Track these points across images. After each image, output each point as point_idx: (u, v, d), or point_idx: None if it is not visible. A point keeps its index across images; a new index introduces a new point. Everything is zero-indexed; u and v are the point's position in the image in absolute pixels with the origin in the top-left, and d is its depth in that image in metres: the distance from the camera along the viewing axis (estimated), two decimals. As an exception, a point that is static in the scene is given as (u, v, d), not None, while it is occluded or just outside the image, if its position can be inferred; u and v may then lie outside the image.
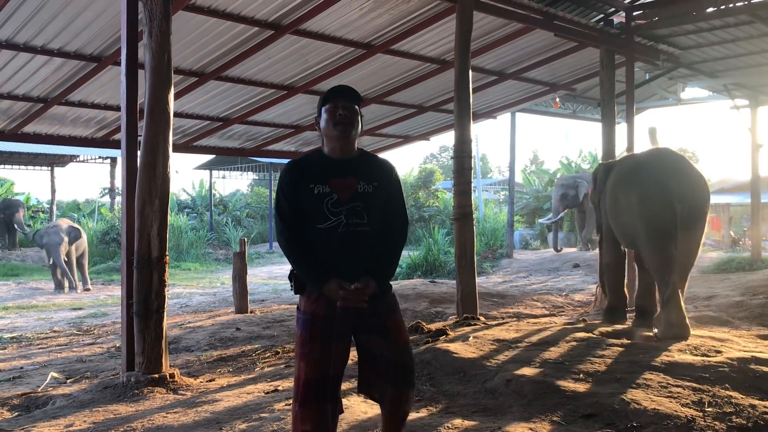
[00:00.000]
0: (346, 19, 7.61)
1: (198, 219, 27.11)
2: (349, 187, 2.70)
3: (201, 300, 12.28)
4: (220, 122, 10.27)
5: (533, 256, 18.29)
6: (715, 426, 3.43)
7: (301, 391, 2.65)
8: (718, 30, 10.17)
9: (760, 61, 11.83)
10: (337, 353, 2.69)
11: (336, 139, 2.76)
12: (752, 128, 15.45)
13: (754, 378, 4.10)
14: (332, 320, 2.66)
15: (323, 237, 2.67)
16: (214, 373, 5.92)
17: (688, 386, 3.99)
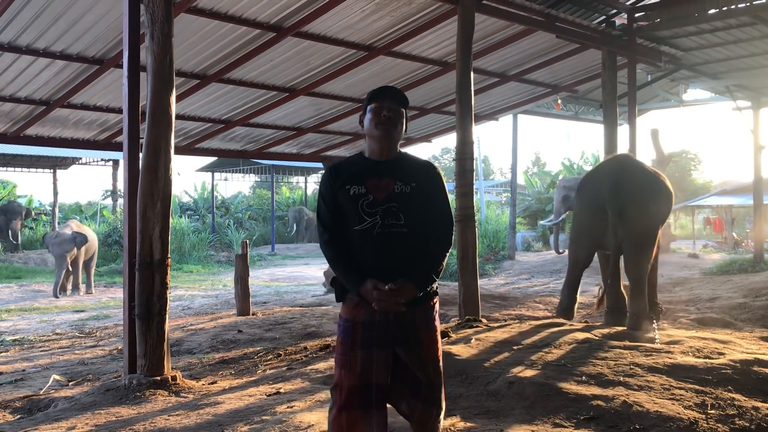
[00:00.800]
0: (347, 21, 7.62)
1: (200, 221, 27.14)
2: (385, 188, 2.65)
3: (203, 302, 12.28)
4: (222, 124, 10.28)
5: (535, 258, 18.27)
6: (718, 428, 3.42)
7: (344, 397, 2.60)
8: (720, 31, 10.17)
9: (762, 62, 11.82)
10: (379, 361, 2.62)
11: (377, 140, 2.73)
12: (755, 130, 15.44)
13: (757, 380, 4.10)
14: (372, 327, 2.61)
15: (359, 238, 2.63)
16: (216, 375, 5.92)
17: (690, 388, 3.98)
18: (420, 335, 2.68)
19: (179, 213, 26.47)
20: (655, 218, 6.52)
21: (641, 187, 6.42)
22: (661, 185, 6.63)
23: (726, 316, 8.13)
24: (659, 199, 6.55)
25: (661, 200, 6.58)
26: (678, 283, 11.89)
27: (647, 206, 6.36)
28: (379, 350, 2.62)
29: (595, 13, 9.81)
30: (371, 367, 2.60)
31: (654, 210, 6.46)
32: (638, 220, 6.30)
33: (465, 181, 7.15)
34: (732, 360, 4.56)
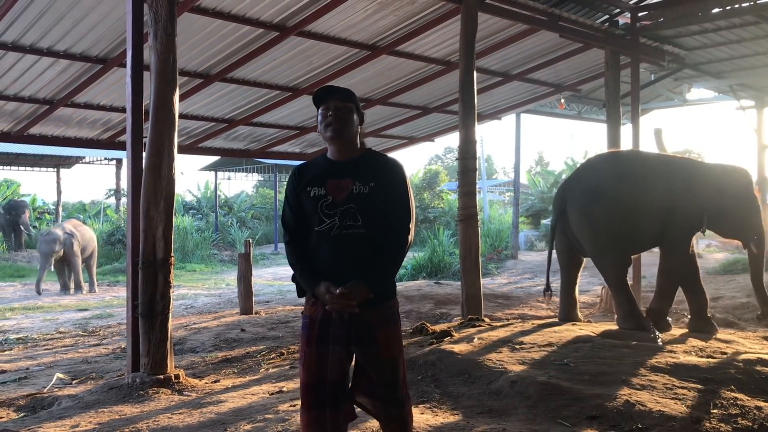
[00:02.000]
0: (350, 20, 7.62)
1: (203, 220, 27.14)
2: (344, 189, 2.63)
3: (206, 301, 12.30)
4: (225, 124, 10.29)
5: (538, 258, 18.24)
6: (721, 428, 3.43)
7: (303, 396, 2.64)
8: (724, 31, 10.15)
9: (766, 61, 11.80)
10: (333, 359, 2.61)
11: (330, 141, 2.71)
12: (758, 129, 15.40)
13: (760, 379, 4.10)
14: (328, 324, 2.61)
15: (318, 240, 2.64)
16: (219, 374, 5.93)
17: (693, 388, 3.99)
18: (376, 335, 2.64)
19: (182, 212, 26.48)
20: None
21: (586, 191, 6.53)
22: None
23: (729, 315, 8.12)
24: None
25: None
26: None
27: (587, 210, 6.46)
28: (334, 347, 2.62)
29: (598, 13, 9.79)
30: (325, 364, 2.61)
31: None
32: (580, 221, 6.46)
33: (468, 180, 7.15)
34: (735, 359, 4.56)
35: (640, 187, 6.22)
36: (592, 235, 6.30)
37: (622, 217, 6.15)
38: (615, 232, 6.20)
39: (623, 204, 6.15)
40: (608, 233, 6.21)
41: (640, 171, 6.41)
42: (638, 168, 6.48)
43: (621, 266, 6.38)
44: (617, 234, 6.20)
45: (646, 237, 6.39)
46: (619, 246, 6.28)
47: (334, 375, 2.61)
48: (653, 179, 6.28)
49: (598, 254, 6.39)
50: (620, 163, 6.71)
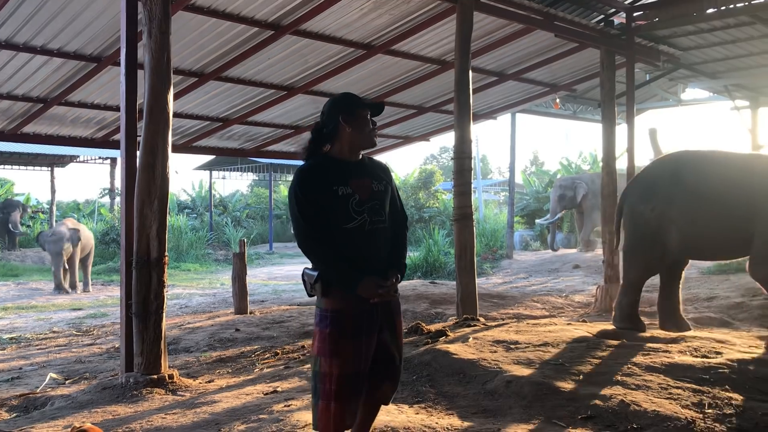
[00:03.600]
0: (346, 19, 7.60)
1: (198, 219, 27.09)
2: (366, 187, 2.84)
3: (200, 301, 12.27)
4: (219, 123, 10.26)
5: (533, 257, 18.27)
6: (715, 428, 3.42)
7: (335, 387, 2.74)
8: (719, 31, 10.17)
9: (761, 62, 11.82)
10: (367, 350, 2.81)
11: (363, 147, 2.94)
12: (753, 129, 15.43)
13: (755, 379, 4.10)
14: (362, 317, 2.78)
15: (350, 236, 2.77)
16: (213, 374, 5.91)
17: (688, 387, 3.98)
18: (396, 320, 2.95)
19: (177, 211, 26.41)
20: None
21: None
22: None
23: (724, 315, 8.13)
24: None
25: None
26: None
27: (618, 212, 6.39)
28: (369, 338, 2.81)
29: (593, 12, 9.80)
30: (361, 355, 2.79)
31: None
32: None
33: (463, 180, 7.14)
34: (729, 359, 4.56)
35: (712, 189, 5.62)
36: (630, 231, 6.06)
37: (670, 220, 5.72)
38: (654, 235, 5.80)
39: (679, 207, 5.69)
40: (646, 234, 5.87)
41: (716, 172, 5.74)
42: (712, 169, 5.80)
43: (644, 271, 6.08)
44: (657, 237, 5.79)
45: (718, 244, 5.75)
46: (652, 250, 5.89)
47: (366, 365, 2.82)
48: (730, 182, 5.60)
49: (628, 251, 6.14)
50: (687, 164, 5.96)
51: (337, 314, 2.77)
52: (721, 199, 5.56)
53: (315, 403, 2.79)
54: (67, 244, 13.60)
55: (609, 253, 9.29)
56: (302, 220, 2.78)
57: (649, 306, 9.45)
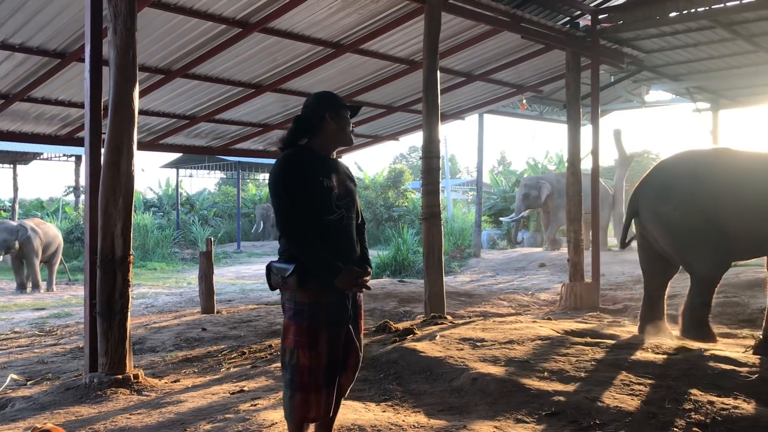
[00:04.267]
0: (314, 18, 7.59)
1: (164, 218, 26.80)
2: (342, 183, 2.94)
3: (167, 300, 12.14)
4: (186, 120, 10.17)
5: (500, 256, 18.43)
6: (675, 422, 3.50)
7: (314, 379, 2.78)
8: (681, 34, 10.39)
9: (721, 65, 12.10)
10: (340, 340, 2.87)
11: (340, 146, 3.08)
12: (713, 131, 15.78)
13: (713, 375, 4.20)
14: (336, 308, 2.85)
15: (330, 228, 2.84)
16: (179, 373, 5.86)
17: (649, 383, 4.07)
18: (361, 312, 3.04)
19: (143, 209, 26.08)
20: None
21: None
22: None
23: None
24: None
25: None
26: (639, 281, 12.03)
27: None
28: (342, 328, 2.88)
29: (559, 14, 9.93)
30: (335, 346, 2.85)
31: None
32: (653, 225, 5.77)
33: (431, 179, 7.19)
34: (689, 356, 4.67)
35: (743, 187, 5.45)
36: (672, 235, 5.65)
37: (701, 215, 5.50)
38: (701, 231, 5.52)
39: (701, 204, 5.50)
40: (689, 231, 5.55)
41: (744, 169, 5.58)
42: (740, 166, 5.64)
43: (719, 265, 5.65)
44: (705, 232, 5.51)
45: (745, 243, 5.55)
46: (715, 241, 5.52)
47: (339, 355, 2.89)
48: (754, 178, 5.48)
49: (690, 248, 5.61)
50: (707, 162, 5.78)
51: (314, 307, 2.81)
52: (753, 196, 5.37)
53: (291, 395, 2.80)
54: (9, 236, 13.05)
55: (574, 252, 9.44)
56: (290, 206, 2.79)
57: (612, 303, 9.63)
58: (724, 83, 13.65)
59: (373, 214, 25.98)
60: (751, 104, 15.95)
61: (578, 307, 8.97)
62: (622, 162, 19.45)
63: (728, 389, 3.98)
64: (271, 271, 2.88)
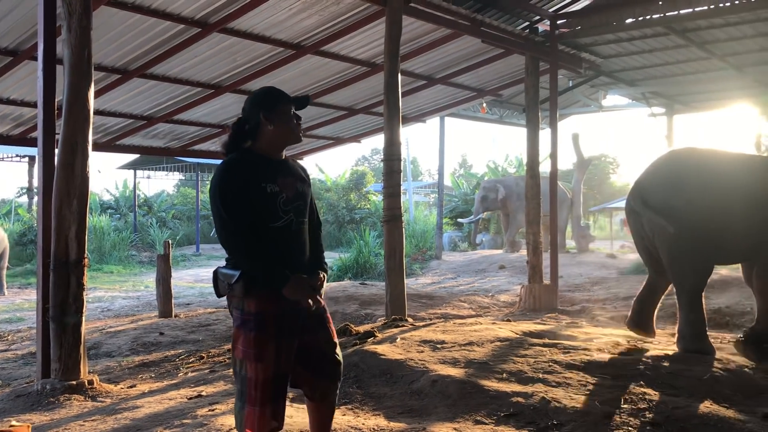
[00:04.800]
0: (274, 18, 7.54)
1: (121, 220, 26.31)
2: (292, 186, 2.77)
3: (124, 304, 11.92)
4: (144, 121, 10.00)
5: (461, 258, 18.57)
6: (630, 422, 3.56)
7: (261, 392, 2.65)
8: (637, 40, 10.62)
9: (675, 71, 12.40)
10: (289, 351, 2.72)
11: (285, 145, 2.86)
12: (668, 135, 16.14)
13: (667, 375, 4.29)
14: (284, 319, 2.69)
15: (277, 235, 2.70)
16: (136, 379, 5.76)
17: (605, 384, 4.13)
18: (326, 321, 2.89)
19: (99, 212, 25.56)
20: None
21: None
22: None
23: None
24: None
25: None
26: (596, 282, 12.32)
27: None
28: (291, 340, 2.73)
29: (519, 19, 10.05)
30: (282, 357, 2.70)
31: None
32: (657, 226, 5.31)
33: (392, 181, 7.19)
34: (644, 356, 4.77)
35: (732, 186, 5.21)
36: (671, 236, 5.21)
37: (708, 217, 5.11)
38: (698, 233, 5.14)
39: (708, 202, 5.14)
40: (690, 233, 5.14)
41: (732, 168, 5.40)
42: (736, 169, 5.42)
43: (703, 274, 5.34)
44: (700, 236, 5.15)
45: (737, 247, 5.30)
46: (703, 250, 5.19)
47: (289, 367, 2.74)
48: (750, 179, 5.25)
49: (675, 258, 5.27)
50: (706, 162, 5.46)
51: (260, 316, 2.66)
52: (747, 201, 5.14)
53: (240, 407, 2.70)
54: None
55: (533, 254, 9.56)
56: (226, 215, 2.64)
57: (570, 305, 9.77)
58: (678, 89, 13.99)
59: (335, 217, 25.92)
60: (703, 109, 16.40)
61: (537, 309, 9.09)
62: (580, 165, 19.79)
63: (681, 388, 4.07)
64: (217, 277, 2.75)
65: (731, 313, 8.17)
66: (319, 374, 2.85)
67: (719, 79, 12.79)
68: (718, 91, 14.15)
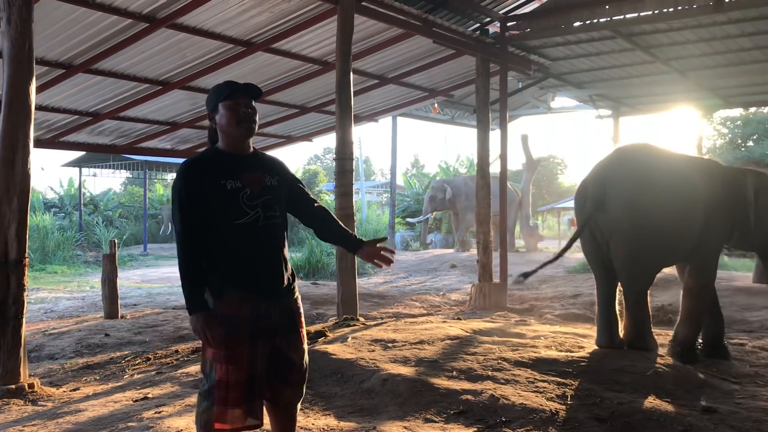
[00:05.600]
0: (224, 15, 7.44)
1: (66, 219, 25.62)
2: (258, 181, 2.69)
3: (68, 305, 11.59)
4: (89, 117, 9.76)
5: (413, 257, 18.66)
6: (577, 417, 3.63)
7: (223, 393, 2.59)
8: (585, 43, 10.83)
9: (621, 74, 12.70)
10: (263, 353, 2.66)
11: (239, 138, 2.74)
12: (614, 137, 16.51)
13: (611, 371, 4.38)
14: (258, 321, 2.64)
15: (242, 233, 2.63)
16: (79, 381, 5.60)
17: (553, 381, 4.20)
18: (298, 323, 2.79)
19: (43, 210, 24.84)
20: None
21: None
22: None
23: (587, 311, 8.62)
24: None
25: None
26: (544, 281, 12.53)
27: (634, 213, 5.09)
28: (264, 342, 2.67)
29: (470, 21, 10.15)
30: (256, 359, 2.64)
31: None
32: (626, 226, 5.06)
33: (345, 180, 7.17)
34: (590, 353, 4.86)
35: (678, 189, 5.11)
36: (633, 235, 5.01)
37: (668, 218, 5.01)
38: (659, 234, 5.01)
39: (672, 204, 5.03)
40: (651, 235, 5.00)
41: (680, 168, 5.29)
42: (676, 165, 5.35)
43: (653, 275, 5.29)
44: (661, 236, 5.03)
45: (683, 247, 5.23)
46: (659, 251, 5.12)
47: (262, 369, 2.66)
48: (695, 180, 5.21)
49: (632, 259, 5.06)
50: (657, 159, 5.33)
51: (231, 319, 2.61)
52: (692, 202, 5.13)
53: (207, 407, 2.64)
54: None
55: (483, 253, 9.66)
56: (179, 219, 2.61)
57: (519, 303, 9.91)
58: (624, 91, 14.33)
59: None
60: (649, 111, 16.84)
61: (487, 307, 9.19)
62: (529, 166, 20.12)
63: (626, 384, 4.17)
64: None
65: (674, 310, 8.38)
66: (284, 381, 2.76)
67: (663, 83, 13.15)
68: (662, 94, 14.55)
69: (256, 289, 2.66)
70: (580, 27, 9.92)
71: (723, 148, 21.81)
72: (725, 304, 8.91)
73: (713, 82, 13.18)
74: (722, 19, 9.49)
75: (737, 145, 21.63)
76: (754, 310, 8.60)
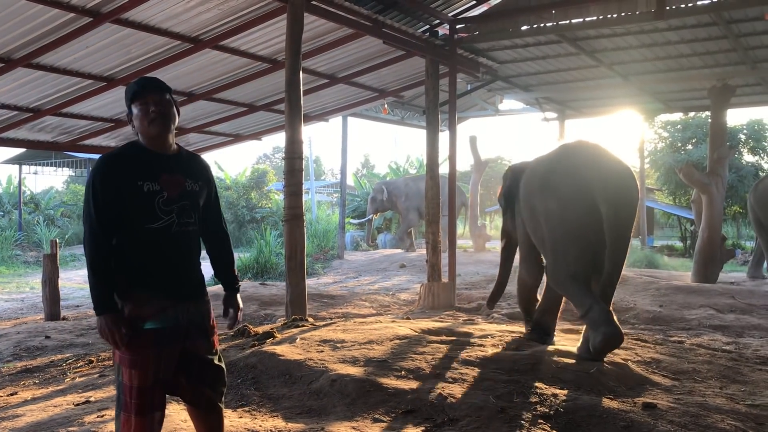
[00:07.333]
0: (171, 11, 7.31)
1: (5, 218, 24.84)
2: (177, 185, 2.60)
3: (6, 306, 11.23)
4: (30, 113, 9.46)
5: (363, 257, 18.68)
6: (522, 415, 3.69)
7: (135, 399, 2.52)
8: (532, 47, 11.03)
9: (567, 78, 12.97)
10: (169, 358, 2.60)
11: (155, 137, 2.64)
12: (560, 139, 16.84)
13: (556, 369, 4.47)
14: (163, 324, 2.58)
15: (154, 237, 2.55)
16: (18, 386, 5.43)
17: (499, 379, 4.26)
18: (209, 327, 2.76)
19: (-21, 209, 24.03)
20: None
21: (631, 180, 4.93)
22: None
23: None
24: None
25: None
26: (492, 280, 12.60)
27: (637, 202, 4.99)
28: (172, 346, 2.60)
29: (420, 22, 10.21)
30: (161, 363, 2.57)
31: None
32: (634, 216, 4.91)
33: (294, 180, 7.13)
34: (536, 351, 4.94)
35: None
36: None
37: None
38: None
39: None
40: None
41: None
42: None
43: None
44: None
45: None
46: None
47: (168, 374, 2.61)
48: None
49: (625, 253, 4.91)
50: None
51: (137, 321, 2.55)
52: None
53: (117, 413, 2.58)
54: None
55: (432, 253, 9.74)
56: (90, 217, 2.52)
57: (468, 302, 10.02)
58: (570, 95, 14.64)
59: (235, 216, 25.44)
60: (593, 114, 17.23)
61: (436, 306, 9.26)
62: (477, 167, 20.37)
63: (570, 382, 4.25)
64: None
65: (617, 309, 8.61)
66: (202, 382, 2.71)
67: (607, 87, 13.47)
68: (607, 98, 14.92)
69: (163, 291, 2.59)
70: (528, 31, 10.09)
71: (663, 151, 22.44)
72: (665, 302, 9.24)
73: (654, 86, 13.59)
74: (663, 26, 9.79)
75: (677, 148, 22.29)
76: (692, 309, 8.87)
